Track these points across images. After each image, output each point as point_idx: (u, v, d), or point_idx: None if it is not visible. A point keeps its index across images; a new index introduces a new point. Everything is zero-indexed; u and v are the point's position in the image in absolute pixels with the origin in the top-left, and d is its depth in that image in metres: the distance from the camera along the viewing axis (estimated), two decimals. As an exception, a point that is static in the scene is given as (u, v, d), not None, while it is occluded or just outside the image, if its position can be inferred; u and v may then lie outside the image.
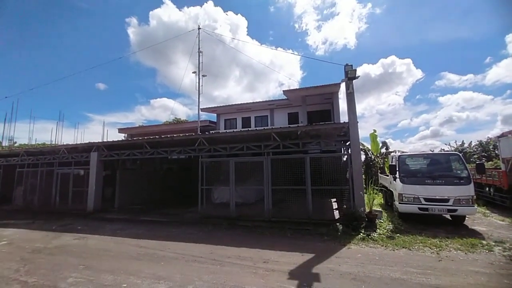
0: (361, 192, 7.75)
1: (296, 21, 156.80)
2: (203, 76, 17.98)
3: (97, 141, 12.42)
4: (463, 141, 27.05)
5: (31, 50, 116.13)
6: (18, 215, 11.61)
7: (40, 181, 13.46)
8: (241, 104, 18.95)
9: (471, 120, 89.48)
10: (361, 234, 6.74)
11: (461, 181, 7.54)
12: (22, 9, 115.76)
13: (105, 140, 16.98)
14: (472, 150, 24.22)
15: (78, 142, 13.74)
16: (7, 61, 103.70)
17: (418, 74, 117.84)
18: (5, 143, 23.77)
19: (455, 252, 5.48)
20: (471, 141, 26.38)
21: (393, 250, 5.72)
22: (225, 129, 19.66)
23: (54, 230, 8.55)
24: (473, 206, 7.33)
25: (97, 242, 7.04)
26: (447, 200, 7.40)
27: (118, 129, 23.23)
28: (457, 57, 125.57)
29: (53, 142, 22.80)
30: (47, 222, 9.82)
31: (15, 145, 25.28)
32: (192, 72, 18.15)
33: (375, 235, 6.68)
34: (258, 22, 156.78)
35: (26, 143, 24.98)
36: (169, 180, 17.24)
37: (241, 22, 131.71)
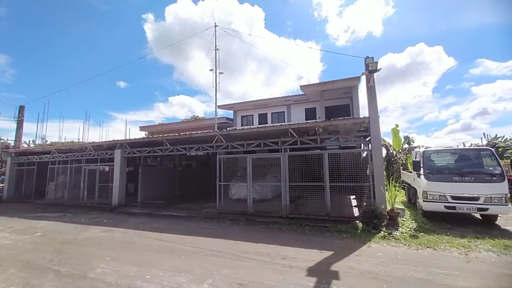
0: (382, 189, 7.48)
1: (316, 8, 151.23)
2: (220, 73, 18.11)
3: (120, 139, 12.98)
4: (496, 134, 25.11)
5: (56, 53, 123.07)
6: (50, 208, 12.48)
7: (69, 177, 14.34)
8: (257, 100, 18.91)
9: (508, 111, 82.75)
10: (382, 232, 6.53)
11: (494, 178, 7.04)
12: (44, 15, 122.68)
13: (127, 138, 17.72)
14: (506, 145, 22.47)
15: (103, 140, 14.42)
16: (36, 65, 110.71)
17: (450, 62, 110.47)
18: (38, 141, 25.53)
19: (485, 253, 5.16)
20: (504, 135, 24.44)
21: (417, 250, 5.49)
22: (241, 125, 19.73)
23: (82, 223, 9.09)
24: (507, 205, 6.83)
25: (121, 235, 7.39)
26: (477, 198, 6.96)
27: (140, 127, 24.18)
28: (497, 42, 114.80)
29: (81, 140, 24.17)
30: (76, 215, 10.46)
31: (47, 143, 27.04)
32: (209, 70, 18.36)
33: (397, 233, 6.44)
34: (275, 13, 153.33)
35: (57, 141, 26.68)
36: (188, 176, 17.69)
37: (258, 13, 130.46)
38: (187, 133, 10.71)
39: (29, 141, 30.61)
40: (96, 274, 4.57)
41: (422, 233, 6.47)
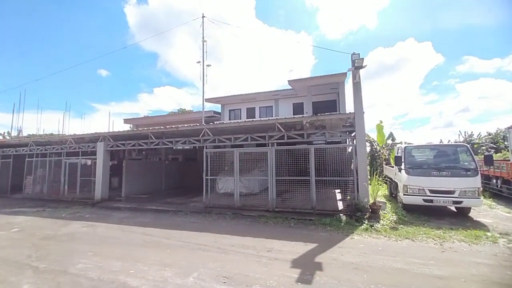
0: (365, 183, 7.71)
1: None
2: (208, 65, 17.76)
3: (103, 131, 12.55)
4: (471, 131, 26.47)
5: (35, 40, 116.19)
6: (28, 203, 11.95)
7: (49, 171, 13.76)
8: (245, 94, 18.79)
9: (487, 109, 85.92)
10: (365, 224, 6.77)
11: (468, 172, 7.44)
12: (23, 1, 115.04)
13: (111, 130, 17.18)
14: (481, 142, 23.72)
15: (85, 133, 13.90)
16: (13, 53, 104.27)
17: (438, 59, 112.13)
18: (14, 133, 24.22)
19: (458, 244, 5.47)
20: (480, 132, 25.81)
21: (396, 241, 5.74)
22: (229, 119, 19.59)
23: (63, 218, 8.80)
24: (479, 198, 7.25)
25: (105, 230, 7.23)
26: (452, 192, 7.33)
27: (124, 119, 23.51)
28: (484, 41, 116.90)
29: (60, 132, 23.17)
30: (56, 210, 10.10)
31: (23, 135, 25.68)
32: (197, 62, 17.95)
33: (379, 226, 6.70)
34: (266, 1, 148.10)
35: (35, 133, 25.42)
36: (174, 170, 17.45)
37: (249, 1, 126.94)
38: (173, 126, 10.50)
39: (4, 132, 29.02)
40: (78, 270, 4.46)
41: (401, 225, 6.76)
